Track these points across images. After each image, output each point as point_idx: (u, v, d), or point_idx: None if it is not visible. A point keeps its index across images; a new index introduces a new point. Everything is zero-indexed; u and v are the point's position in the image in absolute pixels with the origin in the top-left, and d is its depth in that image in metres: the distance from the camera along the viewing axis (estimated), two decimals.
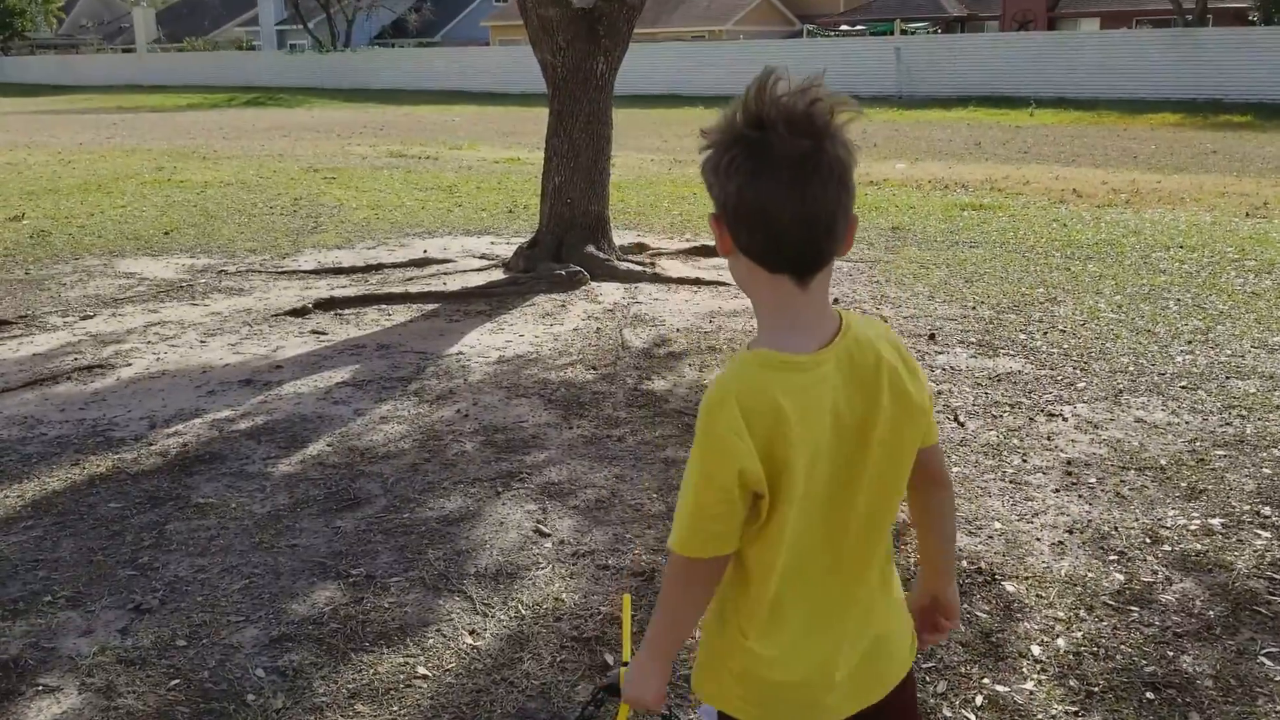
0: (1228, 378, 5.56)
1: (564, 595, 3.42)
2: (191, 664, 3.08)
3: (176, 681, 3.01)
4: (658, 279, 7.93)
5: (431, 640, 3.19)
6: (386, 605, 3.39)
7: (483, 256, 8.98)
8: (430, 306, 7.35)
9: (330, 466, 4.54)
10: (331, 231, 10.39)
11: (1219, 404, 5.16)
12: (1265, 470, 4.38)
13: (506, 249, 9.37)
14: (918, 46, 36.01)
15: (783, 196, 1.43)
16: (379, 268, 8.54)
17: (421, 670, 3.04)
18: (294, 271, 8.46)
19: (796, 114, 1.42)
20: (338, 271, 8.45)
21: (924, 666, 3.00)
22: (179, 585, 3.52)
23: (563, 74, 8.08)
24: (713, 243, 1.69)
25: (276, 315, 7.07)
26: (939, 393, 5.40)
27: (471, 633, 3.23)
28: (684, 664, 2.76)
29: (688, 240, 9.79)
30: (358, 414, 5.21)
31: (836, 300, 7.18)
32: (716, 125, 1.47)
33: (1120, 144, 19.77)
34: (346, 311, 7.17)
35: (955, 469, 4.42)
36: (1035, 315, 6.86)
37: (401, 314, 7.16)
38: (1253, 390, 5.36)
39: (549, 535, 3.85)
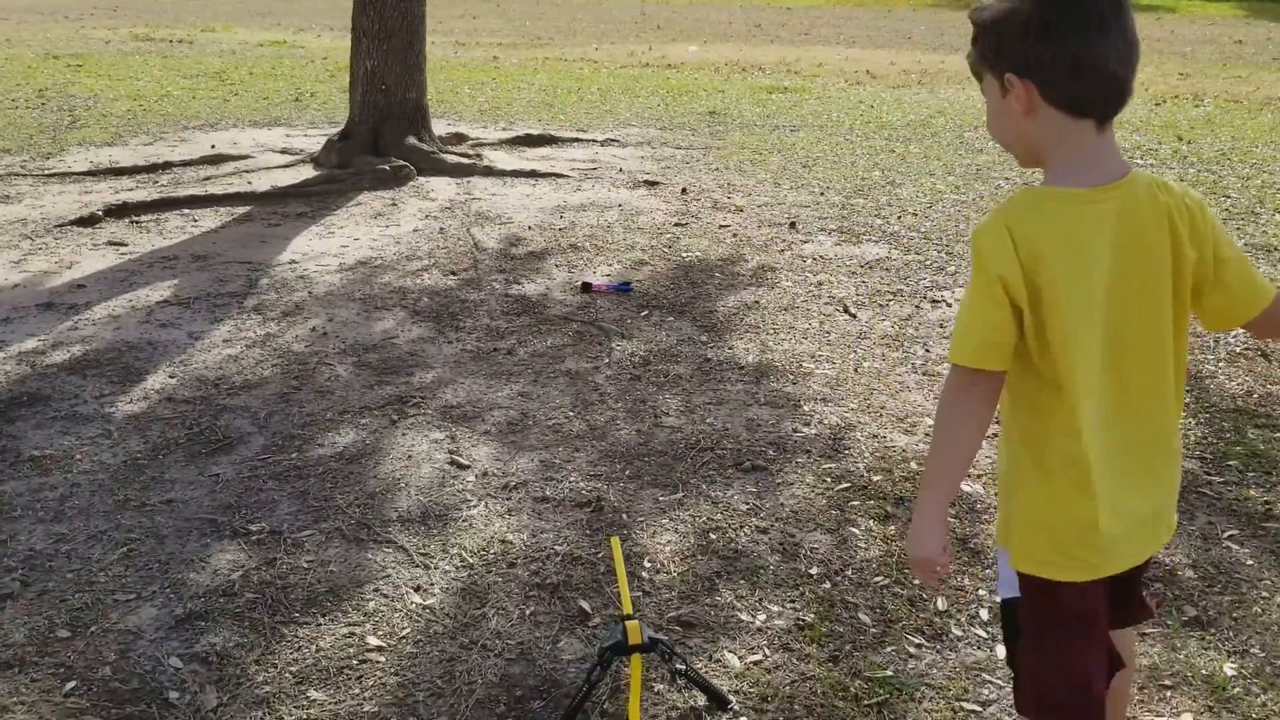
0: None
1: (509, 536, 3.05)
2: (85, 660, 2.55)
3: (73, 684, 2.48)
4: (490, 172, 7.41)
5: (373, 603, 2.77)
6: (306, 565, 2.93)
7: (284, 151, 8.14)
8: (241, 209, 6.59)
9: (182, 401, 3.94)
10: (94, 126, 9.20)
11: None
12: None
13: (307, 142, 8.56)
14: None
15: (1110, 42, 1.49)
16: (166, 166, 7.60)
17: (373, 640, 2.63)
18: (65, 174, 7.40)
19: None
20: (118, 172, 7.46)
21: (913, 583, 2.84)
22: (39, 561, 2.93)
23: None
24: (535, 131, 2.70)
25: (60, 225, 6.15)
26: (819, 283, 5.25)
27: (417, 589, 2.83)
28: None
29: (504, 129, 9.23)
30: (194, 338, 4.56)
31: (685, 190, 6.92)
32: None
33: (890, 25, 20.23)
34: (144, 218, 6.32)
35: (865, 363, 4.29)
36: (882, 199, 6.81)
37: (209, 219, 6.38)
38: None
39: (468, 467, 3.45)
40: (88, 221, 6.14)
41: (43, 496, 3.26)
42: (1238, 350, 4.42)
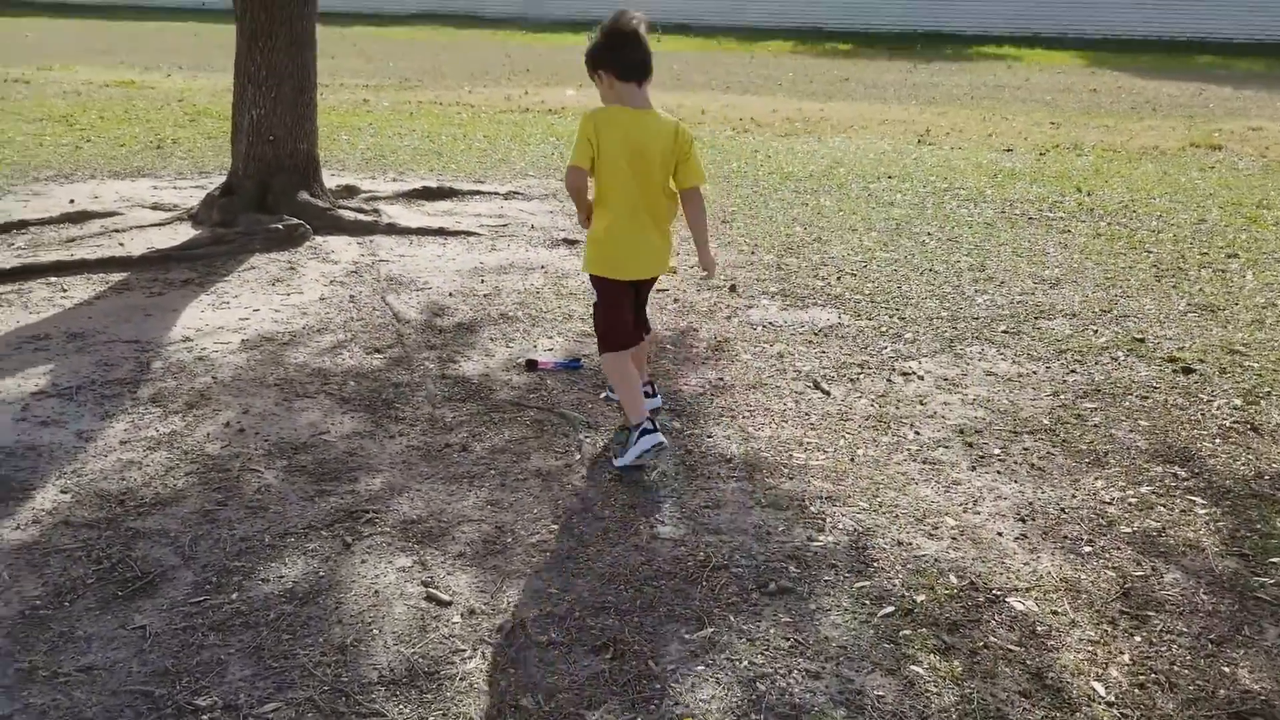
0: (1037, 319, 5.49)
1: (522, 699, 2.55)
2: None
3: None
4: (393, 230, 6.85)
5: None
6: None
7: (155, 207, 7.39)
8: (116, 276, 5.87)
9: (83, 525, 3.29)
10: None
11: (1049, 349, 5.05)
12: (1141, 423, 4.26)
13: (179, 195, 7.82)
14: None
15: (637, 48, 3.53)
16: (22, 225, 6.78)
17: None
18: None
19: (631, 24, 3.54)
20: None
21: None
22: None
23: None
24: (432, 183, 7.48)
25: None
26: (780, 355, 4.90)
27: None
28: None
29: (395, 179, 8.66)
30: (84, 439, 3.90)
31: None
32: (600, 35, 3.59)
33: (757, 70, 20.35)
34: (3, 289, 5.54)
35: (859, 450, 3.94)
36: (815, 259, 6.55)
37: (80, 288, 5.64)
38: (1068, 331, 5.31)
39: (450, 603, 2.94)
40: None
41: None
42: (1227, 425, 4.25)
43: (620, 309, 3.78)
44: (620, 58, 3.51)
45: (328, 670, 2.63)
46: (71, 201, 7.49)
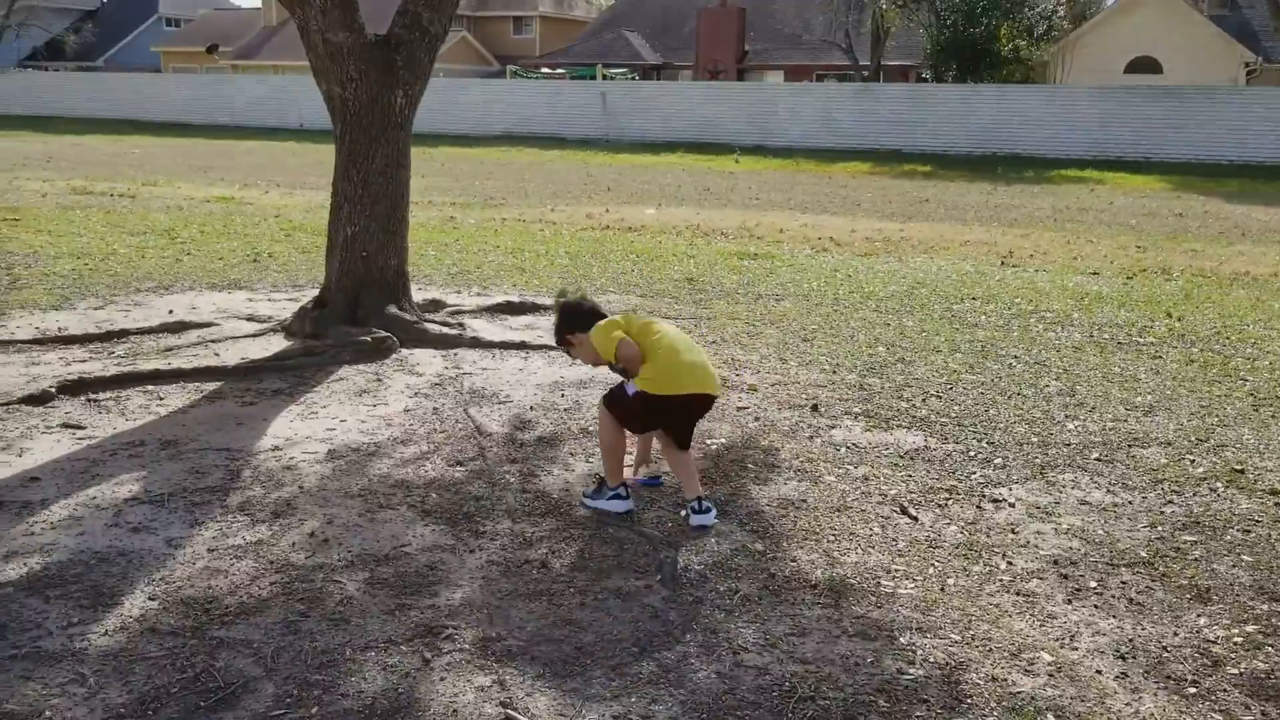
0: (1130, 446, 5.34)
1: None
2: None
3: None
4: (476, 344, 6.95)
5: None
6: None
7: (250, 318, 7.61)
8: (210, 386, 6.02)
9: (168, 633, 3.31)
10: (38, 288, 8.59)
11: (1144, 479, 4.89)
12: (1244, 558, 4.08)
13: (273, 307, 8.05)
14: (621, 91, 36.46)
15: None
16: (122, 334, 7.01)
17: None
18: (7, 342, 6.77)
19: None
20: (67, 340, 6.86)
21: None
22: None
23: (354, 109, 6.96)
24: (515, 298, 8.05)
25: (6, 403, 5.51)
26: (865, 477, 4.81)
27: None
28: None
29: (479, 295, 8.83)
30: (173, 546, 3.95)
31: None
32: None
33: (834, 191, 20.55)
34: (103, 396, 5.71)
35: (949, 580, 3.82)
36: (899, 379, 6.48)
37: (176, 397, 5.79)
38: (1163, 460, 5.15)
39: None
40: (39, 400, 5.52)
41: None
42: None
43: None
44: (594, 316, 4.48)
45: None
46: (170, 312, 7.75)
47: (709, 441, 5.22)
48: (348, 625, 3.38)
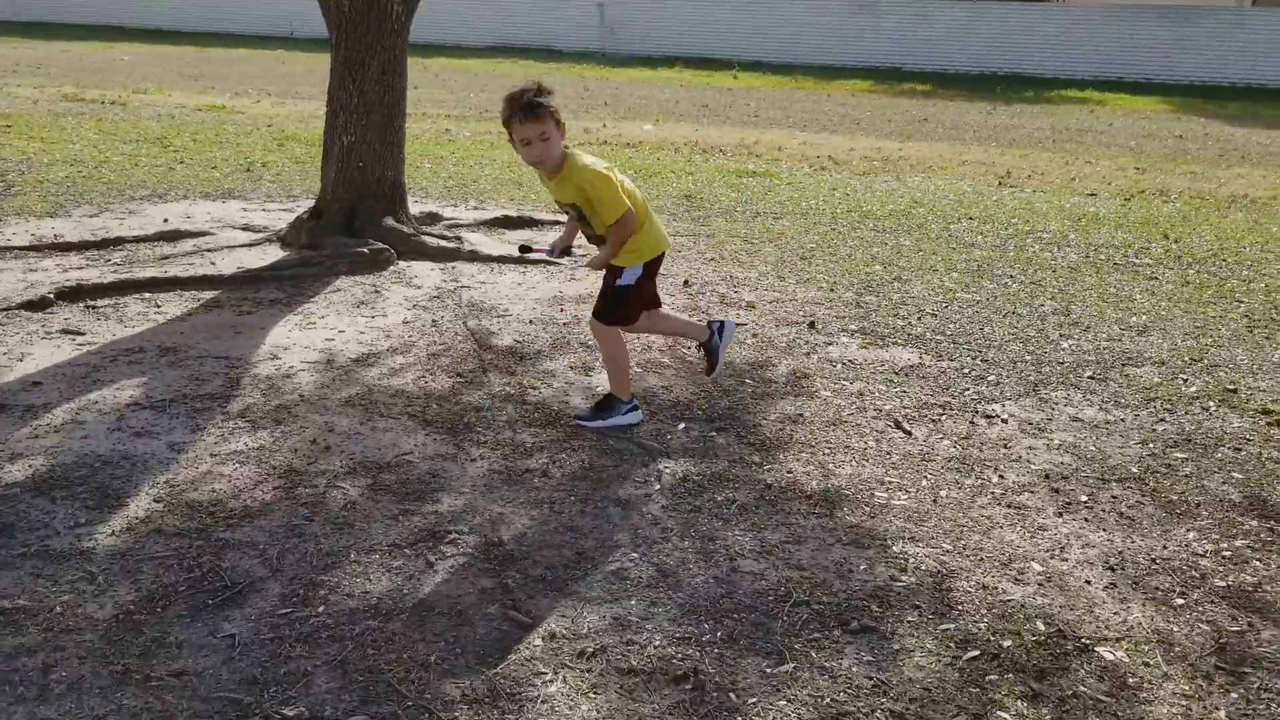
0: (1124, 365, 5.38)
1: None
2: None
3: None
4: (475, 257, 6.94)
5: None
6: None
7: (245, 228, 7.57)
8: (208, 294, 6.01)
9: (174, 534, 3.36)
10: (32, 195, 8.51)
11: (1137, 397, 4.95)
12: (1235, 475, 4.15)
13: (268, 218, 8.00)
14: (620, 3, 35.75)
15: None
16: (118, 242, 6.98)
17: None
18: (5, 248, 6.73)
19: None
20: (63, 248, 6.82)
21: None
22: None
23: (350, 14, 6.84)
24: (512, 212, 7.38)
25: (5, 309, 5.50)
26: (860, 393, 4.86)
27: None
28: None
29: (477, 209, 8.78)
30: (176, 450, 3.99)
31: (688, 282, 6.54)
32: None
33: (833, 109, 20.32)
34: (101, 303, 5.71)
35: (941, 492, 3.89)
36: (895, 297, 6.50)
37: (173, 305, 5.79)
38: (1156, 379, 5.20)
39: (531, 626, 2.94)
40: (37, 305, 5.51)
41: (20, 665, 2.67)
42: None
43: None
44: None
45: (411, 686, 2.65)
46: (165, 221, 7.70)
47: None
48: (351, 529, 3.43)
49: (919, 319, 6.07)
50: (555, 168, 3.99)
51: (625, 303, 4.25)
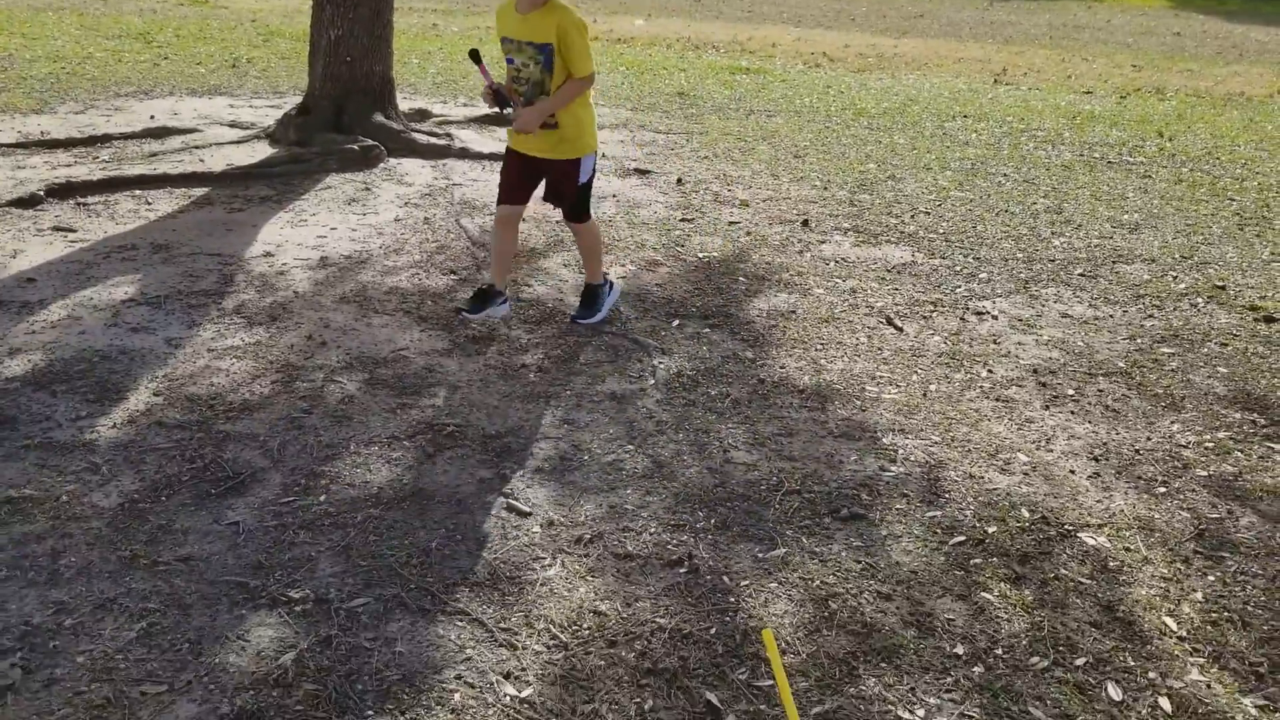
0: (1115, 263, 5.42)
1: (601, 605, 2.63)
2: None
3: None
4: (466, 154, 6.89)
5: (459, 695, 2.33)
6: (368, 645, 2.46)
7: (232, 125, 7.49)
8: (198, 191, 5.98)
9: (175, 426, 3.41)
10: (16, 91, 8.38)
11: (1126, 294, 4.99)
12: (1220, 370, 4.22)
13: (255, 114, 7.91)
14: None
15: None
16: (106, 139, 6.91)
17: None
18: None
19: None
20: (51, 145, 6.75)
21: (1076, 664, 2.50)
22: (39, 640, 2.42)
23: None
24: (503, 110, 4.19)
25: None
26: (853, 290, 4.89)
27: (508, 676, 2.39)
28: None
29: (466, 105, 8.68)
30: (173, 345, 4.02)
31: (681, 180, 6.51)
32: None
33: (829, 4, 19.98)
34: (92, 200, 5.68)
35: (931, 386, 3.94)
36: (889, 196, 6.49)
37: (164, 202, 5.76)
38: (1146, 276, 5.24)
39: (530, 514, 3.01)
40: (28, 203, 5.48)
41: (29, 551, 2.74)
42: None
43: None
44: None
45: (413, 570, 2.72)
46: (152, 118, 7.61)
47: (701, 255, 5.27)
48: (350, 422, 3.48)
49: (912, 217, 6.07)
50: (537, 1, 3.70)
51: (587, 196, 4.10)
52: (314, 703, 2.27)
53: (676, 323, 4.40)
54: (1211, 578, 2.88)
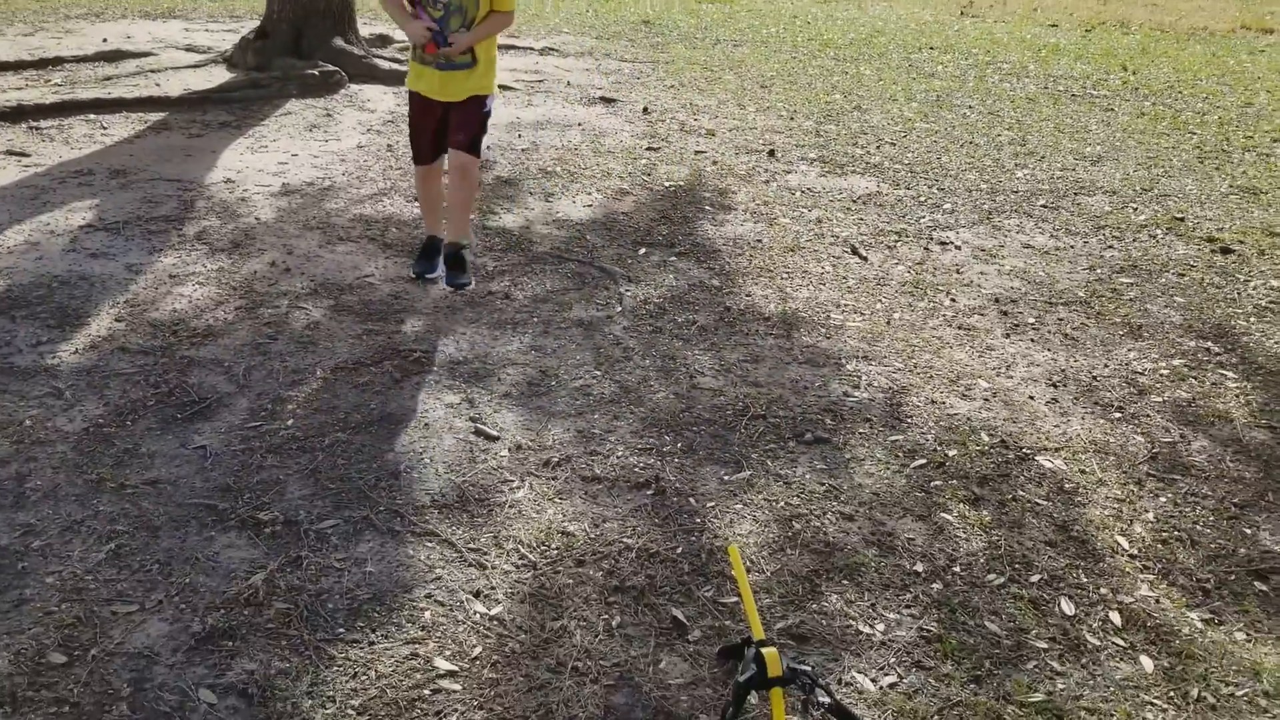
0: (1076, 194, 5.46)
1: (569, 526, 2.67)
2: (93, 694, 2.09)
3: None
4: None
5: (429, 613, 2.36)
6: (338, 565, 2.49)
7: (189, 49, 7.33)
8: (154, 116, 5.87)
9: (138, 352, 3.39)
10: None
11: (1087, 225, 5.04)
12: (1177, 299, 4.29)
13: (211, 38, 7.74)
14: None
15: None
16: (57, 62, 6.74)
17: (442, 663, 2.23)
18: None
19: None
20: (0, 67, 6.57)
21: (1031, 580, 2.58)
22: (7, 561, 2.42)
23: None
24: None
25: None
26: (818, 220, 4.91)
27: (478, 595, 2.43)
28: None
29: None
30: (134, 271, 3.97)
31: (647, 109, 6.47)
32: None
33: None
34: (45, 124, 5.56)
35: (895, 314, 3.99)
36: (854, 126, 6.48)
37: (120, 127, 5.65)
38: (1107, 208, 5.29)
39: (497, 438, 3.03)
40: None
41: None
42: (1263, 304, 4.27)
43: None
44: None
45: (382, 493, 2.74)
46: (105, 40, 7.43)
47: (667, 184, 5.25)
48: (316, 347, 3.47)
49: (878, 148, 6.08)
50: None
51: (484, 133, 3.81)
52: (285, 621, 2.29)
53: (643, 251, 4.40)
54: (1163, 499, 2.96)
